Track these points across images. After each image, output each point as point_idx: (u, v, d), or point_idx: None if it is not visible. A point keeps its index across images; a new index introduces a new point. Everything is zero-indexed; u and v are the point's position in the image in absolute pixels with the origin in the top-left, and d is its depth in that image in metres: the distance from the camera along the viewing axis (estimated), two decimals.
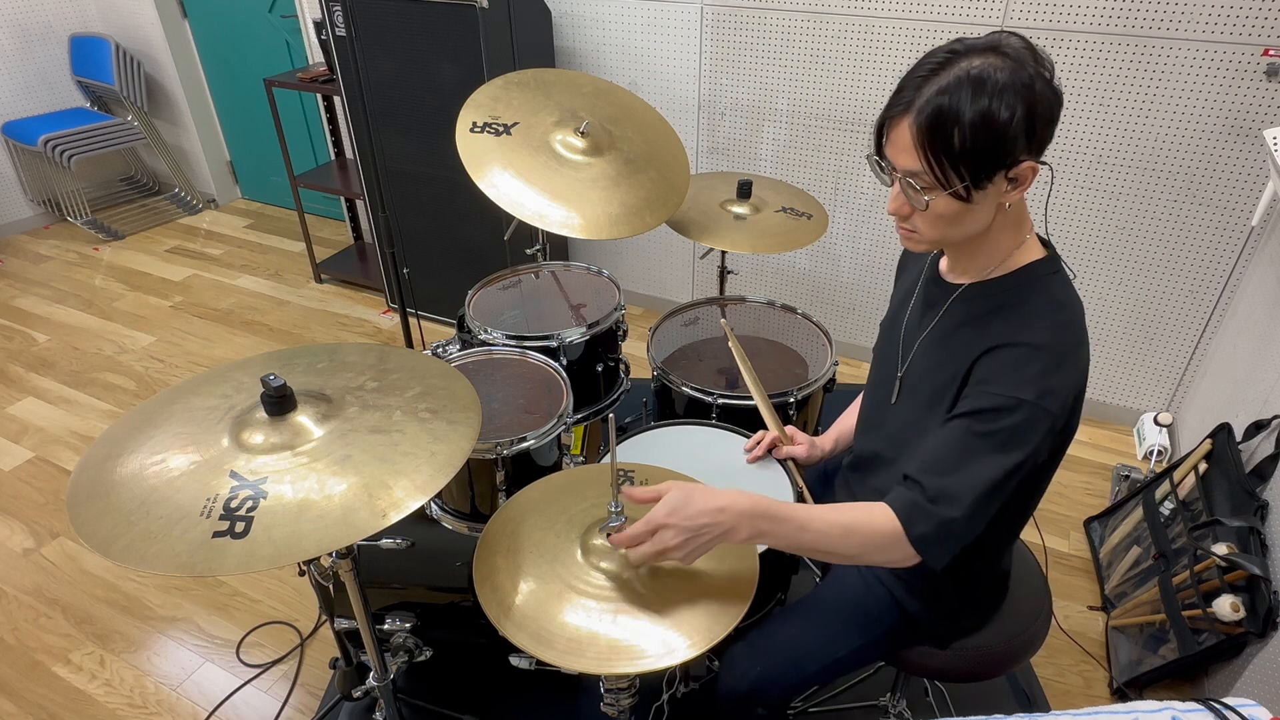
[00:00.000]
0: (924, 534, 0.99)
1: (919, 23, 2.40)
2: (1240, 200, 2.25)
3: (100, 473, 1.00)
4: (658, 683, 1.63)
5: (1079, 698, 1.86)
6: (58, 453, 2.60)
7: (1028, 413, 0.95)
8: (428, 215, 2.97)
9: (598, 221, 1.64)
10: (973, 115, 0.89)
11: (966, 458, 0.98)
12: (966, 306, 1.08)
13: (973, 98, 0.88)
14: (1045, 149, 0.95)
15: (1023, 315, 1.00)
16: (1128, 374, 2.65)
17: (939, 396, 1.07)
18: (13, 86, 3.89)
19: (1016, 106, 0.88)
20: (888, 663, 1.32)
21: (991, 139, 0.90)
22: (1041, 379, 0.95)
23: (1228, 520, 1.75)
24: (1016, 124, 0.89)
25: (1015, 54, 0.90)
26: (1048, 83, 0.91)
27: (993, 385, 0.97)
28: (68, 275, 3.72)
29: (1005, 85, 0.88)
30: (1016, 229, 1.03)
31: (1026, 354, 0.96)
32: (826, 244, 2.90)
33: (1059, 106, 0.93)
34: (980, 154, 0.91)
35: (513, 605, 1.02)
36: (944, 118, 0.90)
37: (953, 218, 0.98)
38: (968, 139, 0.90)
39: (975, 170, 0.92)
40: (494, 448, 1.43)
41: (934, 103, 0.90)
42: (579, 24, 2.88)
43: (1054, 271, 1.03)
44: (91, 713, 1.83)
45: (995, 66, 0.89)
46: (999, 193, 0.96)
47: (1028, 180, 0.95)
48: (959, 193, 0.94)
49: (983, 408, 0.97)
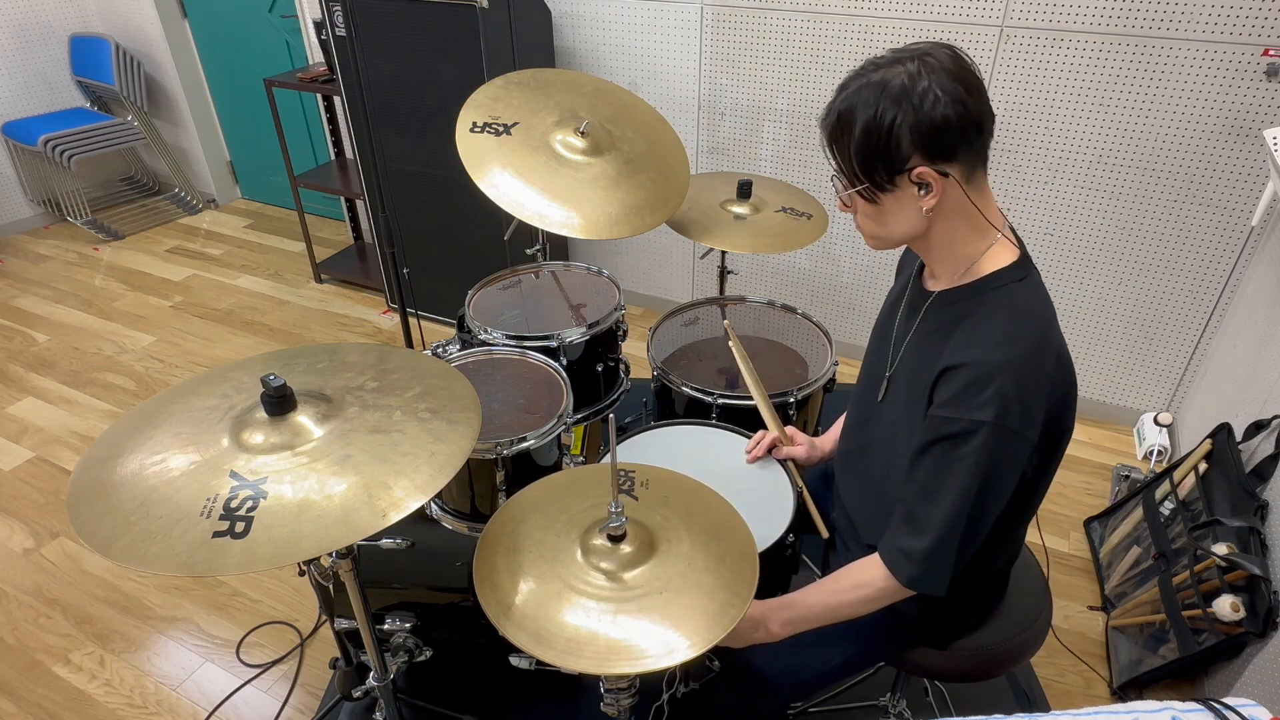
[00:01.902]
0: (913, 577, 1.06)
1: (919, 23, 2.40)
2: (1240, 200, 2.25)
3: (100, 473, 1.00)
4: (658, 683, 1.63)
5: (1079, 698, 1.86)
6: (58, 453, 2.61)
7: (988, 434, 0.96)
8: (428, 215, 2.97)
9: (598, 221, 1.64)
10: (864, 119, 0.96)
11: (937, 486, 1.02)
12: (936, 315, 1.10)
13: (864, 103, 0.96)
14: (959, 157, 0.96)
15: (978, 331, 1.01)
16: (1128, 374, 2.65)
17: (914, 401, 1.09)
18: (13, 86, 3.89)
19: (898, 114, 0.93)
20: (887, 663, 1.32)
21: (873, 143, 0.96)
22: (999, 398, 0.95)
23: (1228, 520, 1.75)
24: (899, 129, 0.94)
25: (927, 64, 0.94)
26: (955, 96, 0.93)
27: (950, 409, 0.99)
28: (68, 275, 3.72)
29: (896, 93, 0.94)
30: (976, 234, 1.04)
31: (981, 373, 0.97)
32: (826, 244, 2.90)
33: (965, 118, 0.94)
34: (867, 155, 0.98)
35: (513, 605, 1.02)
36: (842, 121, 0.99)
37: (875, 217, 1.05)
38: (859, 141, 0.97)
39: (867, 170, 0.99)
40: (494, 448, 1.43)
41: (838, 107, 0.99)
42: (579, 24, 2.88)
43: (1020, 279, 1.03)
44: (91, 713, 1.83)
45: (895, 74, 0.94)
46: (912, 197, 0.99)
47: (935, 187, 0.97)
48: (864, 193, 1.02)
49: (944, 434, 1.00)
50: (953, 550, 1.03)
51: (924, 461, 1.04)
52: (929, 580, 1.06)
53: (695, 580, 1.05)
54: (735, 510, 1.19)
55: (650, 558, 1.07)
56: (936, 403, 1.01)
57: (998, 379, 0.95)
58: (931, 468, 1.03)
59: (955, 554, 1.03)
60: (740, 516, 1.18)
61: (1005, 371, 0.96)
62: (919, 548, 1.04)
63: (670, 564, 1.06)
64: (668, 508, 1.17)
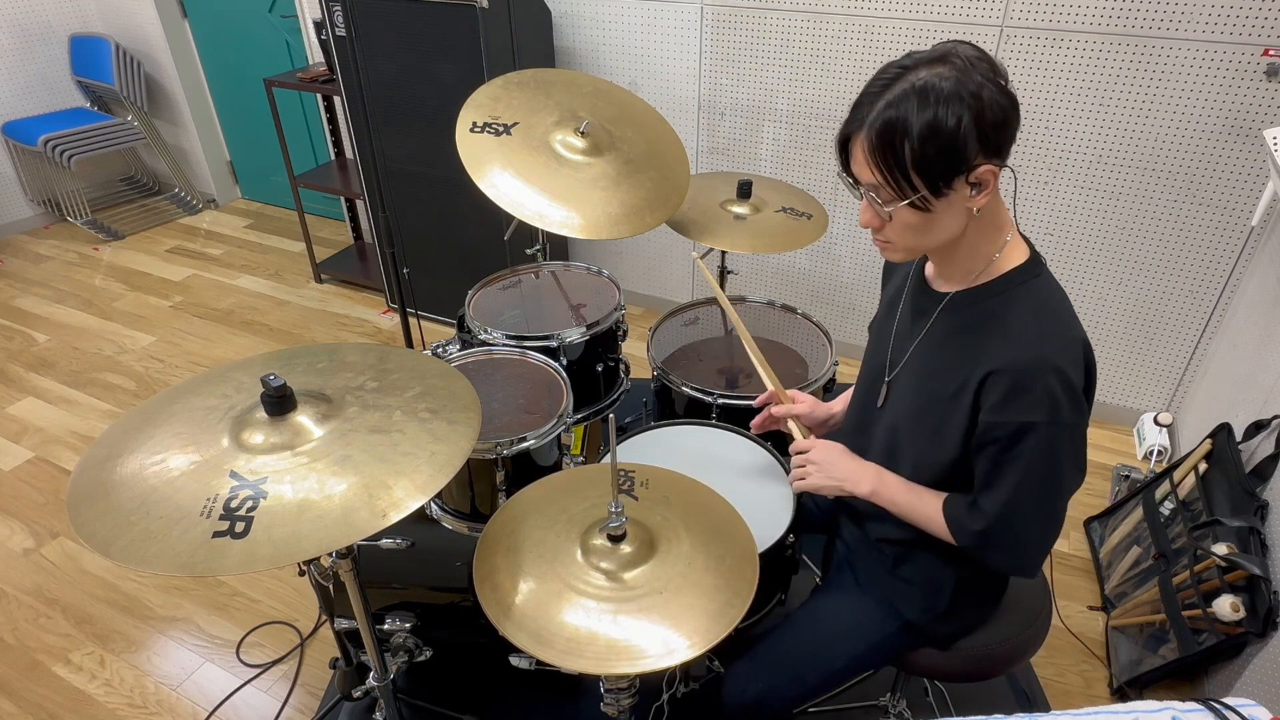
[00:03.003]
0: (966, 545, 1.10)
1: (919, 23, 2.40)
2: (1240, 200, 2.25)
3: (100, 473, 1.00)
4: (658, 683, 1.63)
5: (1079, 698, 1.86)
6: (58, 453, 2.60)
7: (1044, 432, 0.98)
8: (428, 215, 2.97)
9: (598, 221, 1.64)
10: (920, 126, 0.91)
11: (997, 480, 1.04)
12: (956, 315, 1.09)
13: (919, 108, 0.91)
14: (1006, 152, 0.96)
15: (1013, 332, 1.01)
16: (1128, 374, 2.65)
17: (933, 404, 1.08)
18: (13, 86, 3.89)
19: (963, 113, 0.90)
20: (888, 663, 1.32)
21: (941, 147, 0.92)
22: (1048, 397, 0.97)
23: (1228, 520, 1.75)
24: (965, 129, 0.91)
25: (963, 62, 0.92)
26: (1000, 88, 0.92)
27: (999, 414, 1.00)
28: (68, 275, 3.72)
29: (950, 93, 0.90)
30: (996, 232, 1.04)
31: (1025, 377, 0.98)
32: (826, 244, 2.90)
33: (1013, 110, 0.94)
34: (932, 162, 0.93)
35: (513, 605, 1.02)
36: (893, 131, 0.92)
37: (920, 227, 1.00)
38: (917, 149, 0.92)
39: (930, 179, 0.94)
40: (494, 448, 1.43)
41: (882, 117, 0.93)
42: (579, 24, 2.88)
43: (1037, 275, 1.04)
44: (91, 713, 1.83)
45: (941, 76, 0.91)
46: (964, 198, 0.97)
47: (991, 185, 0.96)
48: (918, 203, 0.97)
49: (996, 437, 1.02)
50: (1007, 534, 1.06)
51: (979, 462, 1.06)
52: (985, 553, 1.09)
53: (695, 580, 1.05)
54: (735, 510, 1.19)
55: (650, 558, 1.07)
56: (985, 408, 1.02)
57: (1043, 379, 0.97)
58: (987, 465, 1.05)
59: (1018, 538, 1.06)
60: (740, 516, 1.18)
61: (1049, 370, 0.97)
62: (973, 528, 1.08)
63: (670, 564, 1.07)
64: (668, 508, 1.17)
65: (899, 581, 1.24)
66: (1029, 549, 1.08)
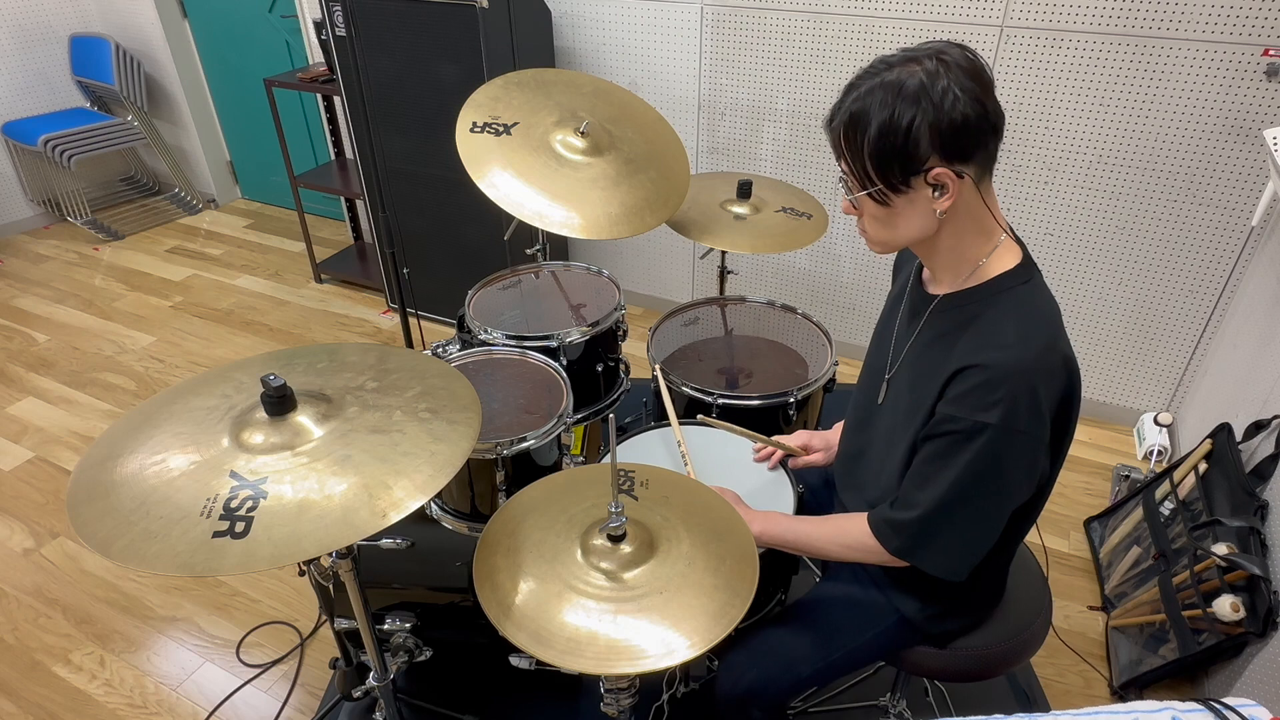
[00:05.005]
0: (894, 548, 1.10)
1: (919, 23, 2.40)
2: (1240, 200, 2.25)
3: (100, 473, 1.00)
4: (658, 683, 1.63)
5: (1079, 698, 1.86)
6: (58, 453, 2.60)
7: (992, 435, 0.97)
8: (428, 215, 2.97)
9: (598, 221, 1.64)
10: (879, 121, 0.94)
11: (933, 473, 1.04)
12: (941, 319, 1.09)
13: (880, 104, 0.93)
14: (974, 159, 0.96)
15: (989, 333, 1.01)
16: (1128, 374, 2.65)
17: (915, 407, 1.08)
18: (13, 86, 3.89)
19: (917, 115, 0.92)
20: (887, 663, 1.32)
21: (893, 144, 0.94)
22: (1008, 400, 0.96)
23: (1228, 520, 1.75)
24: (917, 130, 0.92)
25: (937, 65, 0.92)
26: (972, 96, 0.92)
27: (956, 407, 1.00)
28: (68, 275, 3.72)
29: (912, 94, 0.92)
30: (980, 236, 1.04)
31: (992, 375, 0.97)
32: (826, 244, 2.90)
33: (982, 119, 0.93)
34: (885, 157, 0.96)
35: (513, 605, 1.02)
36: (857, 122, 0.96)
37: (885, 220, 1.03)
38: (874, 142, 0.95)
39: (884, 173, 0.97)
40: (494, 448, 1.43)
41: (851, 108, 0.96)
42: (579, 24, 2.88)
43: (1025, 281, 1.03)
44: (91, 713, 1.83)
45: (911, 74, 0.92)
46: (926, 199, 0.98)
47: (951, 189, 0.96)
48: (876, 195, 1.00)
49: (946, 431, 1.01)
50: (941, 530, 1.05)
51: (923, 450, 1.05)
52: (916, 554, 1.09)
53: (695, 580, 1.05)
54: (735, 510, 1.19)
55: (650, 558, 1.07)
56: (945, 399, 1.01)
57: (1008, 382, 0.96)
58: (929, 457, 1.04)
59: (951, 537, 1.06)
60: (740, 516, 1.18)
61: (1016, 374, 0.96)
62: (904, 519, 1.08)
63: (670, 564, 1.07)
64: (668, 508, 1.17)
65: (896, 579, 1.24)
66: (958, 549, 1.07)
